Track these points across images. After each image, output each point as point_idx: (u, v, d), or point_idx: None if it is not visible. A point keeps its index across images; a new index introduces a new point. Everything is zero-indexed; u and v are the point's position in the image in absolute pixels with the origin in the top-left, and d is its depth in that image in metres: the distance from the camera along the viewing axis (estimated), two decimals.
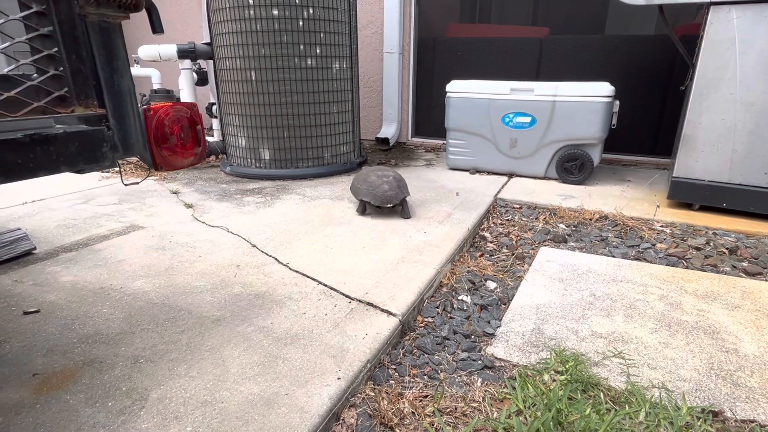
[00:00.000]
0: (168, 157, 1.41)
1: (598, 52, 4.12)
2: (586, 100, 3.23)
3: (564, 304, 1.84)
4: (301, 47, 3.33)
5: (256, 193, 3.20)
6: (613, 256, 2.31)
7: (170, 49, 3.81)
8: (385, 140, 4.89)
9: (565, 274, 2.11)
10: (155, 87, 5.07)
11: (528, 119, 3.46)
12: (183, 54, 3.80)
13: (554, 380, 1.38)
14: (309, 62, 3.39)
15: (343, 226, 2.51)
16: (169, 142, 1.41)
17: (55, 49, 0.97)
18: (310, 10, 3.28)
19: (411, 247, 2.23)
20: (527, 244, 2.48)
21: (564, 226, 2.69)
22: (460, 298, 1.92)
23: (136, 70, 5.21)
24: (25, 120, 0.99)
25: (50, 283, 1.87)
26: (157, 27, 1.16)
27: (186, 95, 4.11)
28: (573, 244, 2.48)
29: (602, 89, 3.20)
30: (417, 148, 4.97)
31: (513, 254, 2.35)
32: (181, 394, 1.24)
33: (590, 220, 2.76)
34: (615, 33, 4.11)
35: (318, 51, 3.40)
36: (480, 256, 2.35)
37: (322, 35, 3.39)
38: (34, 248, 2.17)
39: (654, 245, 2.43)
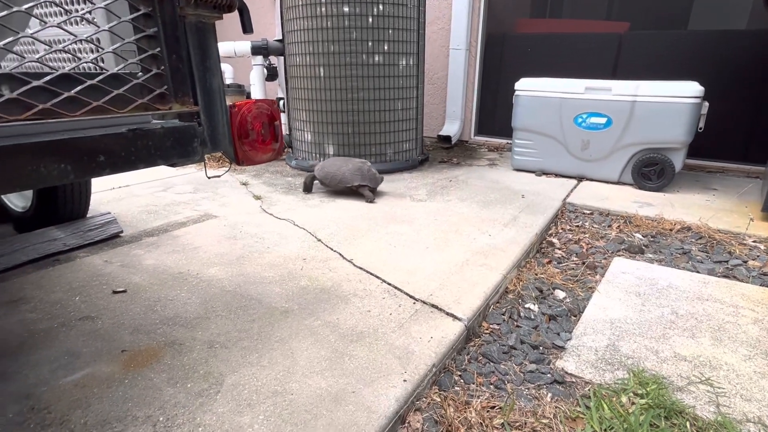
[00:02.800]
0: (248, 152, 1.47)
1: (684, 49, 3.81)
2: (671, 101, 2.99)
3: (642, 321, 1.72)
4: (370, 44, 3.35)
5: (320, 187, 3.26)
6: (698, 272, 2.13)
7: (245, 46, 3.97)
8: (447, 138, 4.82)
9: (643, 288, 1.97)
10: (227, 82, 5.31)
11: (603, 120, 3.27)
12: (256, 50, 3.94)
13: (633, 403, 1.29)
14: (376, 59, 3.40)
15: (405, 225, 2.50)
16: (249, 138, 1.46)
17: (158, 48, 1.02)
18: (380, 7, 3.29)
19: (475, 250, 2.17)
20: (599, 252, 2.35)
21: (640, 236, 2.52)
22: (526, 306, 1.85)
23: None
24: (126, 116, 1.06)
25: (135, 265, 2.01)
26: (248, 27, 1.20)
27: (257, 90, 4.27)
28: (651, 255, 2.31)
29: (690, 89, 2.95)
30: (479, 147, 4.87)
31: (583, 263, 2.23)
32: (254, 382, 1.28)
33: (670, 230, 2.57)
34: (701, 28, 3.78)
35: (386, 47, 3.40)
36: (548, 263, 2.25)
37: (390, 32, 3.38)
38: (121, 231, 2.34)
39: (745, 262, 2.21)
